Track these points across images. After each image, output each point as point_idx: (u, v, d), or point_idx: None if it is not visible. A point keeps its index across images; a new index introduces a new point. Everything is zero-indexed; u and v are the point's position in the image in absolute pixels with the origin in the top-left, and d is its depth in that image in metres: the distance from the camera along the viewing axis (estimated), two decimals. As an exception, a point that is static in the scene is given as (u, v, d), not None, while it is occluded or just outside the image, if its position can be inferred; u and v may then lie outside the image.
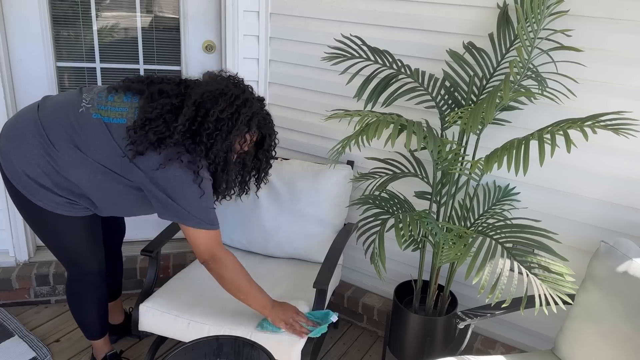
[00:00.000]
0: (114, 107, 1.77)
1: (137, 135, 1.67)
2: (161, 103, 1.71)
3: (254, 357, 1.62)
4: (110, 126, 1.74)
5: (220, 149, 1.72)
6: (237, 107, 1.71)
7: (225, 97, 1.70)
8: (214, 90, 1.71)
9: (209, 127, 1.69)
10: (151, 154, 1.68)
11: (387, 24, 2.21)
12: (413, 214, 1.80)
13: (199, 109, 1.69)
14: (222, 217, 2.39)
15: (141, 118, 1.69)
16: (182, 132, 1.68)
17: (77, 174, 1.77)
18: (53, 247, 1.95)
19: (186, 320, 1.94)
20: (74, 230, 1.88)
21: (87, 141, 1.75)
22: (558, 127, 1.58)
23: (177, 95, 1.74)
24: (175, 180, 1.69)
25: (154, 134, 1.67)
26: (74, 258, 1.97)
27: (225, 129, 1.70)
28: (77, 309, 2.10)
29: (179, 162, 1.68)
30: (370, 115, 1.75)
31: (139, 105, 1.76)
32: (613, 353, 1.61)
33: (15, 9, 2.41)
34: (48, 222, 1.85)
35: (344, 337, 2.60)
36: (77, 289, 2.05)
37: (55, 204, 1.80)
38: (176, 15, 2.59)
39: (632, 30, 1.75)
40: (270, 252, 2.38)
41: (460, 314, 1.82)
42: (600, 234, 1.99)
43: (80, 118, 1.76)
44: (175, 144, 1.68)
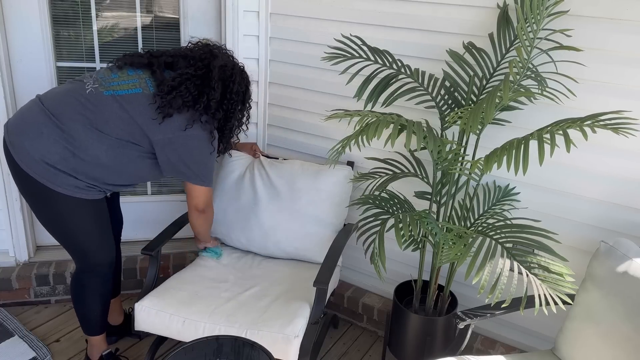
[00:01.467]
0: (123, 81, 1.92)
1: (166, 100, 1.87)
2: (179, 73, 1.93)
3: (253, 357, 1.62)
4: (125, 98, 1.89)
5: (238, 115, 2.08)
6: (246, 79, 2.07)
7: (236, 71, 2.02)
8: (230, 65, 2.00)
9: (232, 97, 2.00)
10: (178, 116, 1.89)
11: (387, 24, 2.21)
12: (413, 214, 1.80)
13: (221, 83, 1.96)
14: (222, 216, 2.39)
15: (167, 85, 1.89)
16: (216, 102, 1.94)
17: (95, 152, 1.87)
18: (65, 236, 1.98)
19: (181, 318, 1.94)
20: (88, 216, 1.96)
21: (104, 118, 1.87)
22: (558, 127, 1.58)
23: (188, 66, 1.95)
24: (195, 139, 1.92)
25: (181, 98, 1.88)
26: (87, 247, 2.00)
27: (240, 100, 2.05)
28: (81, 302, 2.11)
29: (199, 122, 1.92)
30: (370, 115, 1.75)
31: (146, 76, 1.94)
32: (613, 353, 1.61)
33: (15, 9, 2.41)
34: (64, 210, 1.91)
35: (344, 337, 2.60)
36: (86, 281, 2.06)
37: (75, 188, 1.88)
38: (176, 15, 2.59)
39: (632, 31, 1.75)
40: (270, 252, 2.38)
41: (460, 314, 1.82)
42: (600, 234, 1.99)
43: (92, 98, 1.88)
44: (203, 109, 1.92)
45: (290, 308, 1.98)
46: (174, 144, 1.90)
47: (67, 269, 2.65)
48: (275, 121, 2.66)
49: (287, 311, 1.96)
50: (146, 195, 2.86)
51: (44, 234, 2.78)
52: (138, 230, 2.81)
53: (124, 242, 2.44)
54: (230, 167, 2.42)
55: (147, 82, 1.92)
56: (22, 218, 2.61)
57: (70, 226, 1.96)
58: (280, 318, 1.92)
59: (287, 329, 1.87)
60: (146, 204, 2.86)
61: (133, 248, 2.76)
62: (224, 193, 2.40)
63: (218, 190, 2.42)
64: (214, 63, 1.95)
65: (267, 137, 2.71)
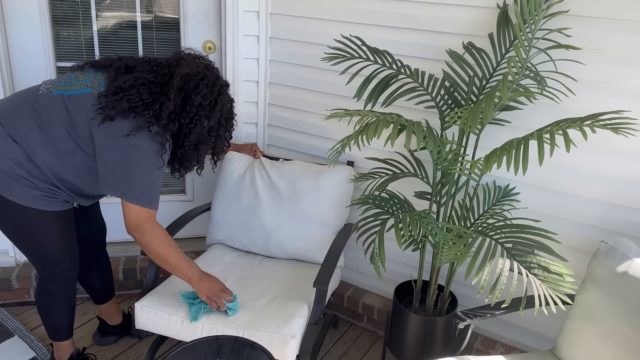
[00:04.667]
0: (78, 81, 1.80)
1: (110, 101, 1.71)
2: (134, 76, 1.76)
3: (254, 357, 1.62)
4: (72, 98, 1.76)
5: (199, 132, 1.82)
6: (216, 93, 1.82)
7: (205, 81, 1.79)
8: (195, 73, 1.78)
9: (192, 111, 1.78)
10: (121, 121, 1.71)
11: (387, 24, 2.21)
12: (413, 214, 1.80)
13: (180, 93, 1.77)
14: (223, 217, 2.39)
15: (114, 86, 1.74)
16: (169, 112, 1.74)
17: (42, 158, 1.77)
18: (26, 245, 1.91)
19: (180, 318, 1.94)
20: (49, 225, 1.86)
21: (50, 119, 1.76)
22: (557, 127, 1.58)
23: (149, 71, 1.79)
24: (137, 149, 1.72)
25: (127, 101, 1.71)
26: (48, 256, 1.93)
27: (204, 114, 1.81)
28: (47, 310, 2.06)
29: (147, 131, 1.72)
30: (370, 115, 1.75)
31: (103, 77, 1.80)
32: (613, 353, 1.61)
33: (15, 9, 2.41)
34: (22, 219, 1.82)
35: (344, 337, 2.60)
36: (50, 288, 2.01)
37: (32, 198, 1.78)
38: (176, 15, 2.59)
39: (632, 31, 1.75)
40: (271, 253, 2.38)
41: (460, 314, 1.82)
42: (600, 234, 1.99)
43: (42, 99, 1.79)
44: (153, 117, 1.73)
45: (288, 308, 1.98)
46: (113, 151, 1.72)
47: (67, 269, 2.65)
48: (275, 121, 2.66)
49: (285, 311, 1.96)
50: (146, 195, 2.85)
51: (44, 234, 2.78)
52: (138, 230, 2.81)
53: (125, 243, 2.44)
54: (230, 168, 2.42)
55: (101, 83, 1.78)
56: (22, 218, 2.60)
57: (30, 237, 1.87)
58: (278, 318, 1.92)
59: (284, 329, 1.87)
60: (146, 204, 2.85)
61: (133, 248, 2.76)
62: (224, 194, 2.40)
63: (219, 191, 2.42)
64: (179, 71, 1.78)
65: (267, 137, 2.71)
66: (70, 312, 2.10)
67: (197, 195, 2.89)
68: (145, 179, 1.75)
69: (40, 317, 2.10)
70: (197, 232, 2.89)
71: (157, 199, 1.80)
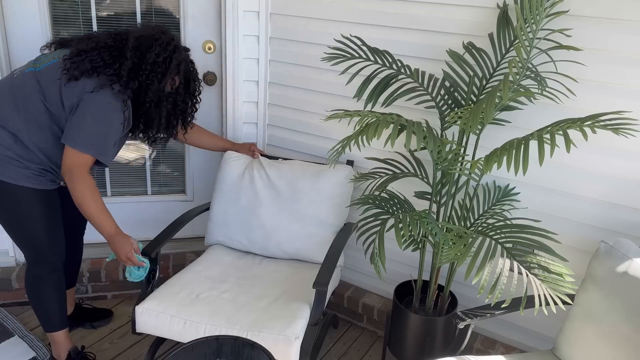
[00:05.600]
0: (45, 57, 1.95)
1: (74, 62, 1.85)
2: (94, 41, 1.91)
3: (254, 357, 1.62)
4: (42, 71, 1.89)
5: (156, 89, 1.93)
6: (170, 52, 1.94)
7: (158, 42, 1.92)
8: (148, 36, 1.92)
9: (147, 68, 1.90)
10: (85, 80, 1.85)
11: (387, 24, 2.21)
12: (413, 214, 1.80)
13: (135, 52, 1.90)
14: (223, 217, 2.39)
15: (77, 49, 1.88)
16: (128, 70, 1.87)
17: (26, 136, 1.87)
18: (14, 227, 1.98)
19: (182, 320, 1.94)
20: (38, 206, 1.95)
21: (24, 95, 1.88)
22: (557, 127, 1.58)
23: (108, 36, 1.94)
24: (97, 104, 1.84)
25: (90, 62, 1.85)
26: (37, 239, 2.00)
27: (160, 71, 1.92)
28: (38, 296, 2.10)
29: (110, 89, 1.85)
30: (370, 115, 1.75)
31: (68, 50, 1.92)
32: (613, 353, 1.61)
33: (15, 9, 2.41)
34: (13, 199, 1.92)
35: (344, 337, 2.60)
36: (39, 274, 2.06)
37: (25, 177, 1.90)
38: (176, 15, 2.59)
39: (632, 31, 1.75)
40: (271, 253, 2.38)
41: (460, 314, 1.82)
42: (600, 234, 1.99)
43: (16, 80, 1.91)
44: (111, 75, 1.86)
45: (290, 309, 1.98)
46: (76, 106, 1.84)
47: (67, 269, 2.65)
48: (275, 121, 2.66)
49: (288, 312, 1.96)
50: (146, 196, 2.86)
51: (44, 234, 2.78)
52: (138, 230, 2.80)
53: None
54: (228, 168, 2.42)
55: (67, 54, 1.91)
56: (22, 218, 2.60)
57: (20, 217, 1.95)
58: (281, 319, 1.92)
59: (288, 330, 1.87)
60: (146, 204, 2.86)
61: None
62: (223, 194, 2.40)
63: (218, 191, 2.42)
64: (133, 33, 1.93)
65: (267, 137, 2.71)
66: (60, 299, 2.13)
67: (197, 195, 2.89)
68: (93, 130, 1.85)
69: (32, 306, 2.14)
70: (197, 232, 2.89)
71: (102, 152, 1.89)
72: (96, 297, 2.73)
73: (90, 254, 2.76)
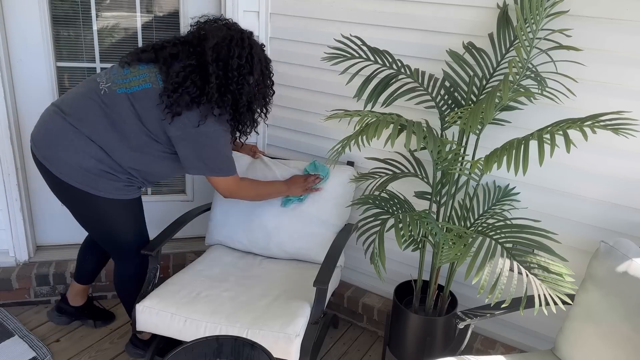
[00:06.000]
0: (134, 77, 1.92)
1: (173, 99, 1.84)
2: (182, 66, 1.87)
3: (254, 357, 1.62)
4: (135, 95, 1.89)
5: (249, 91, 1.93)
6: (248, 47, 1.90)
7: (233, 42, 1.87)
8: (221, 41, 1.86)
9: (234, 75, 1.87)
10: (187, 114, 1.85)
11: (387, 24, 2.21)
12: (413, 214, 1.80)
13: (218, 64, 1.86)
14: (224, 218, 2.39)
15: (171, 83, 1.85)
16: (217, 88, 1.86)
17: (120, 154, 1.92)
18: (104, 234, 2.08)
19: (182, 318, 1.94)
20: (128, 214, 2.05)
21: (121, 118, 1.89)
22: (557, 127, 1.58)
23: (189, 55, 1.89)
24: (212, 134, 1.88)
25: (187, 94, 1.84)
26: (123, 242, 2.10)
27: (246, 72, 1.90)
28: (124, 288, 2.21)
29: (212, 116, 1.87)
30: (370, 115, 1.75)
31: (156, 69, 1.91)
32: (613, 353, 1.61)
33: (15, 9, 2.41)
34: (106, 212, 2.00)
35: (344, 337, 2.60)
36: (125, 269, 2.18)
37: (115, 190, 1.96)
38: (176, 15, 2.59)
39: (632, 31, 1.75)
40: (272, 253, 2.38)
41: (460, 314, 1.82)
42: (600, 234, 1.99)
43: (106, 99, 1.91)
44: (208, 101, 1.86)
45: (291, 307, 1.98)
46: (187, 140, 1.89)
47: (67, 268, 2.65)
48: (275, 121, 2.66)
49: (288, 311, 1.96)
50: (146, 195, 2.86)
51: (44, 234, 2.79)
52: (138, 230, 2.81)
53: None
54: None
55: (157, 76, 1.90)
56: (22, 218, 2.61)
57: (109, 226, 2.05)
58: (281, 317, 1.92)
59: (288, 329, 1.87)
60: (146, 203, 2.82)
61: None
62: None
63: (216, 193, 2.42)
64: (207, 45, 1.86)
65: (267, 137, 2.71)
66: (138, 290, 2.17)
67: (197, 195, 2.89)
68: (220, 156, 1.96)
69: (119, 297, 2.27)
70: (197, 232, 2.89)
71: (234, 165, 2.02)
72: (96, 297, 2.73)
73: (90, 254, 2.77)
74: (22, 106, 2.54)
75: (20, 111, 2.55)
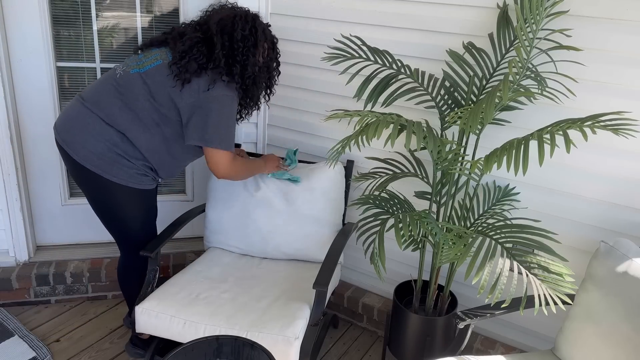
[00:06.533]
0: (147, 58, 2.00)
1: (180, 66, 1.91)
2: (188, 37, 1.95)
3: (254, 357, 1.62)
4: (148, 72, 1.96)
5: (255, 63, 1.98)
6: (252, 21, 1.98)
7: (237, 17, 1.96)
8: (226, 16, 1.96)
9: (239, 45, 1.94)
10: (197, 80, 1.91)
11: (387, 24, 2.21)
12: (413, 214, 1.80)
13: (223, 36, 1.94)
14: (218, 225, 2.39)
15: (178, 52, 1.92)
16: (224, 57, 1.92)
17: (135, 134, 1.97)
18: (114, 221, 2.11)
19: (182, 320, 1.94)
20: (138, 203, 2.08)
21: (134, 96, 1.95)
22: (557, 127, 1.58)
23: (195, 30, 1.99)
24: (220, 98, 1.92)
25: (195, 62, 1.91)
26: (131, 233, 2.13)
27: (251, 44, 1.97)
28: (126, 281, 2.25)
29: (221, 81, 1.93)
30: (370, 115, 1.75)
31: (166, 49, 2.00)
32: (613, 353, 1.61)
33: (15, 9, 2.41)
34: (117, 198, 2.03)
35: (344, 337, 2.60)
36: (130, 261, 2.20)
37: (129, 176, 2.00)
38: (176, 15, 2.59)
39: (632, 31, 1.75)
40: (269, 255, 2.38)
41: (460, 314, 1.82)
42: (600, 234, 1.99)
43: (122, 80, 1.98)
44: (216, 67, 1.92)
45: (290, 309, 1.98)
46: (195, 106, 1.92)
47: (67, 268, 2.65)
48: (275, 121, 2.66)
49: (287, 312, 1.96)
50: (146, 195, 2.85)
51: (44, 234, 2.79)
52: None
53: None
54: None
55: (167, 53, 1.98)
56: (22, 218, 2.61)
57: (120, 214, 2.08)
58: (281, 319, 1.92)
59: (288, 331, 1.87)
60: (146, 204, 2.86)
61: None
62: (217, 201, 2.39)
63: (211, 197, 2.40)
64: (212, 21, 1.96)
65: (267, 137, 2.71)
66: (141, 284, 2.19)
67: (197, 195, 2.90)
68: (224, 126, 1.95)
69: (121, 290, 2.31)
70: (197, 232, 2.89)
71: (233, 142, 2.01)
72: (96, 297, 2.73)
73: (91, 254, 2.77)
74: (22, 106, 2.54)
75: (20, 111, 2.55)
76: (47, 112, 2.58)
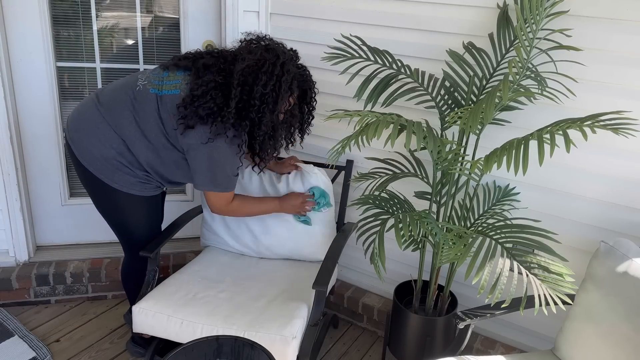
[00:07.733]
0: (169, 81, 1.93)
1: (188, 111, 1.83)
2: (206, 80, 1.84)
3: (253, 357, 1.62)
4: (163, 98, 1.90)
5: (270, 120, 1.87)
6: (277, 76, 1.83)
7: (264, 69, 1.81)
8: (252, 65, 1.82)
9: (255, 103, 1.82)
10: (200, 128, 1.84)
11: (387, 24, 2.21)
12: (413, 214, 1.80)
13: (243, 88, 1.82)
14: (213, 225, 2.39)
15: (189, 95, 1.84)
16: (236, 112, 1.83)
17: (139, 151, 1.95)
18: (119, 225, 2.12)
19: (179, 320, 1.94)
20: (141, 210, 2.08)
21: (145, 116, 1.92)
22: (557, 127, 1.58)
23: (218, 71, 1.87)
24: (219, 154, 1.86)
25: (203, 109, 1.82)
26: (135, 236, 2.13)
27: (271, 101, 1.84)
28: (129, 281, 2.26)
29: (224, 137, 1.84)
30: (370, 115, 1.75)
31: (190, 78, 1.90)
32: (613, 353, 1.61)
33: (15, 9, 2.41)
34: (119, 203, 2.03)
35: (344, 337, 2.60)
36: (133, 263, 2.20)
37: (130, 184, 1.99)
38: (176, 15, 2.59)
39: (632, 31, 1.75)
40: (264, 255, 2.37)
41: (460, 314, 1.82)
42: (600, 234, 1.99)
43: (139, 95, 1.93)
44: (223, 122, 1.82)
45: (288, 309, 1.98)
46: (197, 152, 1.87)
47: (67, 269, 2.65)
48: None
49: (285, 312, 1.96)
50: (146, 195, 2.85)
51: (44, 234, 2.79)
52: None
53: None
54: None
55: (187, 84, 1.89)
56: (22, 218, 2.61)
57: (124, 218, 2.09)
58: (278, 319, 1.92)
59: (285, 331, 1.86)
60: (146, 204, 2.86)
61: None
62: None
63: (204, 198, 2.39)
64: (236, 67, 1.83)
65: (267, 137, 2.70)
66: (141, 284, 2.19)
67: (197, 195, 2.90)
68: (226, 175, 1.93)
69: (125, 290, 2.32)
70: (197, 232, 2.89)
71: (233, 184, 1.98)
72: (96, 297, 2.73)
73: (91, 254, 2.77)
74: (22, 106, 2.54)
75: (20, 111, 2.55)
76: (47, 112, 2.58)
